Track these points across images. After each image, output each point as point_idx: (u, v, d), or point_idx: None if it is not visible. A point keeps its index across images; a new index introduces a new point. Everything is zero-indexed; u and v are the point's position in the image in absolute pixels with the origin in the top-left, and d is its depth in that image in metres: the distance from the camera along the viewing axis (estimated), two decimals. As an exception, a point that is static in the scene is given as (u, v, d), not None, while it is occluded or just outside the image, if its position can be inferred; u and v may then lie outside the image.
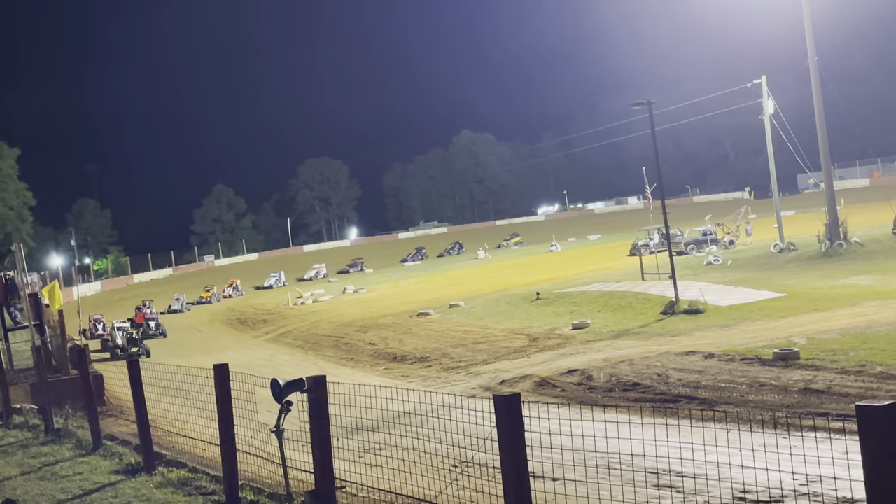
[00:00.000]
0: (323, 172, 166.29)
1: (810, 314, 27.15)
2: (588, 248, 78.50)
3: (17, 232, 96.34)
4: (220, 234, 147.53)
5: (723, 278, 38.66)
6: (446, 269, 74.26)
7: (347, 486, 11.94)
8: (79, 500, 12.58)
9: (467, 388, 22.29)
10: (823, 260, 41.56)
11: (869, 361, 19.01)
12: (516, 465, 7.53)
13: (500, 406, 7.58)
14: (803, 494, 10.56)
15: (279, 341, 40.48)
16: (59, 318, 27.33)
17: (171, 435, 17.31)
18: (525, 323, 34.07)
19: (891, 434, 5.17)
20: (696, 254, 52.51)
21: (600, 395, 19.81)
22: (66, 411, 19.20)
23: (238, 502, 11.39)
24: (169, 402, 16.59)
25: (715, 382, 19.30)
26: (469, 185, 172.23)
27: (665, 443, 8.13)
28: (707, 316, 29.55)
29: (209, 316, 56.55)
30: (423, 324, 37.84)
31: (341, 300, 56.83)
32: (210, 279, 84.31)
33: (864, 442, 5.26)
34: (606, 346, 26.60)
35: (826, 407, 15.93)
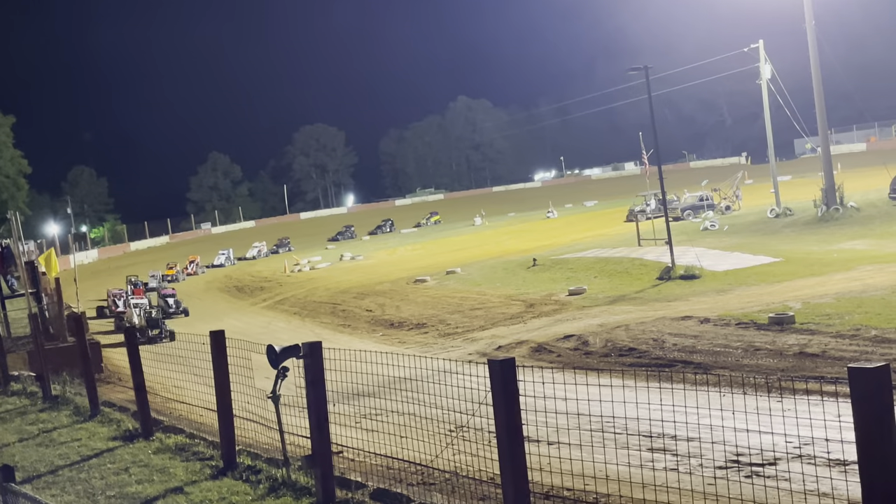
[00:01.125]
0: (319, 139, 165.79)
1: (806, 279, 27.21)
2: (585, 214, 78.48)
3: (12, 200, 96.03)
4: (217, 201, 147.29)
5: (719, 243, 38.70)
6: (442, 235, 74.26)
7: (344, 450, 12.01)
8: (77, 466, 12.64)
9: (464, 354, 22.37)
10: (819, 225, 41.59)
11: (864, 325, 19.08)
12: (511, 429, 7.57)
13: (494, 371, 7.61)
14: (797, 457, 10.64)
15: (276, 308, 40.55)
16: (55, 285, 27.36)
17: (169, 401, 17.39)
18: (521, 289, 34.13)
19: (882, 395, 5.20)
20: (693, 219, 52.50)
21: (596, 360, 19.89)
22: (64, 378, 19.26)
23: (235, 467, 11.46)
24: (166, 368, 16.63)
25: (710, 347, 19.38)
26: (465, 151, 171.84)
27: (660, 407, 8.16)
28: (703, 281, 29.62)
29: (205, 284, 56.57)
30: (419, 290, 37.89)
31: (338, 267, 56.86)
32: (207, 247, 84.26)
33: (856, 404, 5.29)
34: (602, 311, 26.67)
35: (821, 370, 16.01)
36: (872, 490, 5.26)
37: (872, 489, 5.26)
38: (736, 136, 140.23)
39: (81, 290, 39.93)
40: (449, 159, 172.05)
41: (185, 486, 10.95)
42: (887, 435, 5.17)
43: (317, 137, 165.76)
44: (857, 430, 5.30)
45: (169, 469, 11.86)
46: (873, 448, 5.21)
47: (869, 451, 5.23)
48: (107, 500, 10.80)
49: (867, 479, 5.28)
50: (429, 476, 11.20)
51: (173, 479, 11.34)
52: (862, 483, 5.33)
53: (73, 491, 11.38)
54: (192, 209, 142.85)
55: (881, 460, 5.17)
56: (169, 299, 41.50)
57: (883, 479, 5.17)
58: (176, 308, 41.15)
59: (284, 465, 10.87)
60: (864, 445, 5.26)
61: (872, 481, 5.25)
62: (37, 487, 11.49)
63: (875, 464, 5.21)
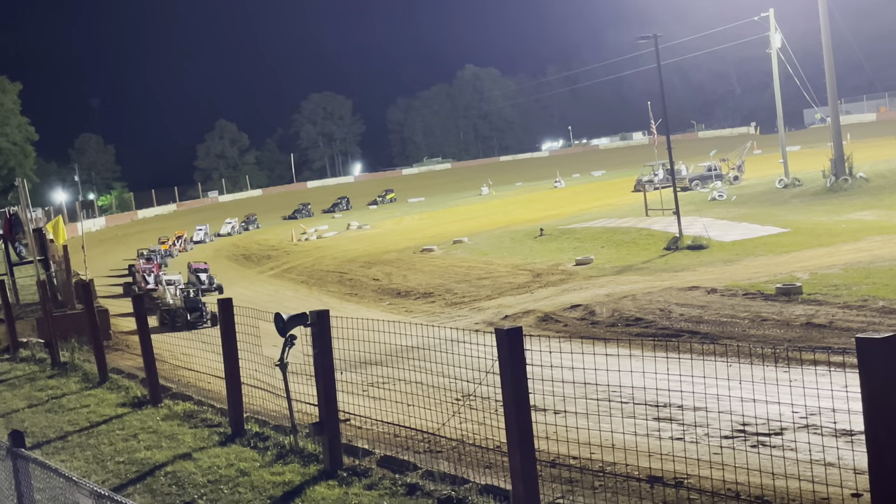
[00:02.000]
0: (326, 108, 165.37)
1: (814, 249, 27.15)
2: (592, 184, 78.29)
3: (20, 167, 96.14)
4: (224, 169, 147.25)
5: (727, 214, 38.59)
6: (449, 205, 74.18)
7: (351, 418, 12.07)
8: (86, 432, 12.74)
9: (470, 323, 22.42)
10: (828, 195, 41.42)
11: (871, 296, 19.05)
12: (518, 397, 7.60)
13: (501, 339, 7.62)
14: (803, 427, 10.66)
15: (283, 277, 40.62)
16: (63, 253, 27.42)
17: (177, 369, 17.50)
18: (528, 259, 34.12)
19: (889, 366, 5.20)
20: (701, 189, 52.30)
21: (603, 330, 19.91)
22: (73, 345, 19.36)
23: (243, 434, 11.53)
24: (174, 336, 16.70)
25: (717, 317, 19.37)
26: (473, 120, 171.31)
27: (666, 376, 8.18)
28: (710, 251, 29.56)
29: (213, 252, 56.65)
30: (426, 259, 37.91)
31: (345, 236, 56.89)
32: (214, 215, 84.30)
33: (864, 374, 5.30)
34: (609, 281, 26.65)
35: (827, 341, 16.01)
36: (879, 459, 5.27)
37: (879, 459, 5.27)
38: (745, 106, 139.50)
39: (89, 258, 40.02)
40: (456, 128, 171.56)
41: (194, 453, 11.03)
42: (894, 405, 5.18)
43: (324, 106, 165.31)
44: (865, 400, 5.30)
45: (177, 435, 11.94)
46: (880, 418, 5.22)
47: (876, 420, 5.25)
48: (116, 466, 10.89)
49: (874, 449, 5.29)
50: (435, 444, 11.26)
51: (182, 446, 11.42)
52: (868, 453, 5.34)
53: (82, 457, 11.47)
54: (200, 177, 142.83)
55: (888, 430, 5.18)
56: (202, 274, 36.02)
57: (890, 449, 5.19)
58: (209, 284, 35.66)
59: (292, 433, 10.94)
60: (872, 415, 5.27)
61: (879, 451, 5.26)
62: (46, 453, 11.59)
63: (882, 433, 5.23)
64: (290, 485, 9.47)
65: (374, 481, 9.22)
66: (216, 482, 9.82)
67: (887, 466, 5.20)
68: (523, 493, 7.52)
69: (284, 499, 9.09)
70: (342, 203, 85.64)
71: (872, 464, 5.32)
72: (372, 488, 9.05)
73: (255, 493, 9.36)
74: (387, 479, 9.21)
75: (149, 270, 40.01)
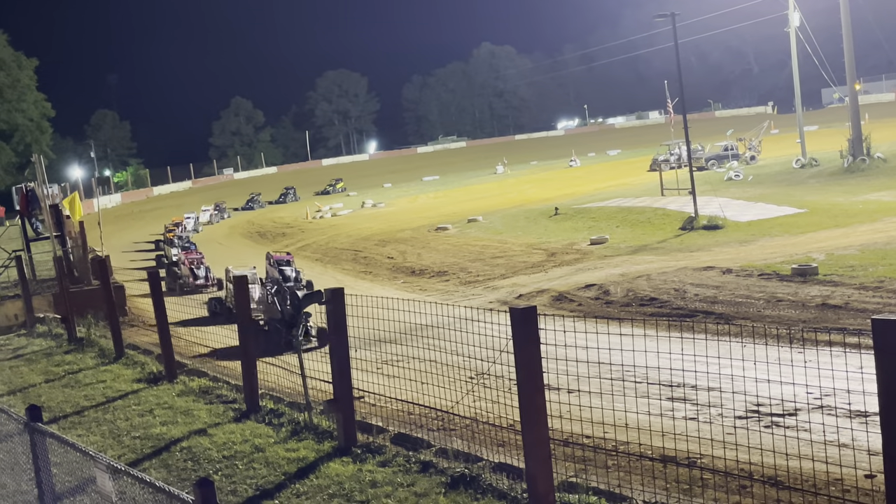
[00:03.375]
0: (341, 85, 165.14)
1: (830, 230, 27.01)
2: (608, 163, 78.02)
3: (36, 143, 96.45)
4: (239, 147, 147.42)
5: (743, 194, 38.40)
6: (464, 183, 74.08)
7: (365, 395, 12.12)
8: (102, 407, 12.84)
9: (484, 302, 22.42)
10: (845, 175, 41.16)
11: (888, 277, 18.96)
12: (532, 376, 7.61)
13: (516, 318, 7.63)
14: (817, 408, 10.64)
15: (298, 254, 40.68)
16: (80, 229, 27.54)
17: (192, 345, 17.57)
18: (543, 238, 34.06)
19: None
20: (717, 169, 52.04)
21: (617, 310, 19.88)
22: (89, 321, 19.48)
23: (258, 410, 11.60)
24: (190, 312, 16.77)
25: (732, 298, 19.31)
26: (489, 98, 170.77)
27: (680, 356, 8.18)
28: (726, 231, 29.45)
29: (228, 229, 56.82)
30: (441, 238, 37.90)
31: (359, 214, 56.93)
32: (229, 192, 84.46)
33: (879, 355, 5.28)
34: (624, 261, 26.60)
35: (843, 322, 15.95)
36: (893, 440, 5.27)
37: (893, 440, 5.27)
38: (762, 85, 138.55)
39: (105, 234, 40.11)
40: (472, 106, 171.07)
41: (209, 428, 11.11)
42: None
43: (339, 83, 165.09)
44: (880, 381, 5.29)
45: (192, 411, 12.02)
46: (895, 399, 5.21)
47: (891, 401, 5.24)
48: (132, 441, 10.98)
49: (889, 430, 5.29)
50: (449, 422, 11.30)
51: (197, 422, 11.50)
52: (883, 434, 5.34)
53: (98, 431, 11.57)
54: (215, 154, 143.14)
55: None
56: (286, 268, 24.40)
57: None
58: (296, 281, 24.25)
59: (307, 409, 11.00)
60: (887, 396, 5.26)
61: (893, 432, 5.25)
62: (63, 427, 11.69)
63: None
64: (304, 461, 9.54)
65: (387, 458, 9.27)
66: (231, 458, 9.89)
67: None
68: (536, 471, 7.55)
69: (299, 475, 9.15)
70: (291, 193, 78.37)
71: (887, 445, 5.32)
72: (386, 465, 9.10)
73: (270, 468, 9.42)
74: (400, 457, 9.26)
75: (196, 262, 32.08)
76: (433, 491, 8.33)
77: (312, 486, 8.80)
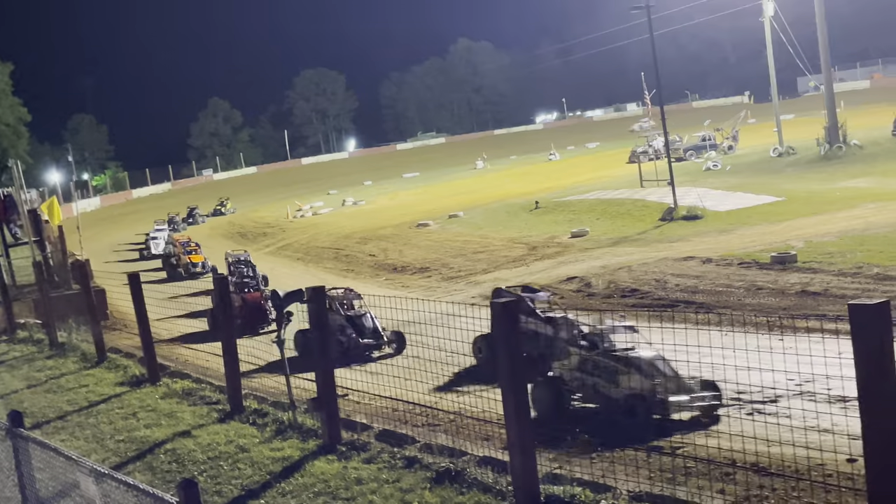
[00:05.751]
0: (319, 84, 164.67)
1: (808, 218, 27.20)
2: (587, 156, 78.12)
3: (13, 148, 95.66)
4: (218, 147, 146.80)
5: (721, 184, 38.58)
6: (444, 179, 74.07)
7: (350, 393, 12.14)
8: (85, 411, 12.78)
9: (467, 297, 22.45)
10: (822, 163, 41.42)
11: (866, 263, 19.11)
12: (514, 369, 7.64)
13: (497, 312, 7.66)
14: (798, 394, 10.73)
15: (279, 254, 40.60)
16: (59, 233, 27.39)
17: (175, 347, 17.53)
18: (524, 232, 34.13)
19: (882, 331, 5.24)
20: (695, 159, 52.24)
21: (599, 302, 19.97)
22: (70, 325, 19.36)
23: (242, 411, 11.58)
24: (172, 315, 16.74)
25: (712, 287, 19.43)
26: (467, 94, 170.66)
27: (661, 346, 8.23)
28: (705, 221, 29.60)
29: (209, 230, 56.59)
30: (422, 234, 37.90)
31: (340, 213, 56.82)
32: (209, 193, 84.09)
33: (857, 340, 5.34)
34: (605, 253, 26.70)
35: (823, 309, 16.07)
36: (872, 425, 5.33)
37: (872, 424, 5.33)
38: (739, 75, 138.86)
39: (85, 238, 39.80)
40: (450, 102, 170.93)
41: (193, 430, 11.08)
42: (887, 370, 5.23)
43: (317, 82, 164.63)
44: (857, 366, 5.35)
45: (176, 413, 11.99)
46: (873, 383, 5.27)
47: (869, 386, 5.29)
48: (115, 445, 10.94)
49: (867, 414, 5.35)
50: (433, 417, 11.33)
51: (181, 423, 11.47)
52: (862, 418, 5.40)
53: (81, 436, 11.52)
54: (194, 155, 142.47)
55: (880, 395, 5.23)
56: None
57: (882, 414, 5.24)
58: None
59: (291, 409, 10.99)
60: (864, 381, 5.31)
61: (872, 416, 5.31)
62: (46, 433, 11.63)
63: (875, 398, 5.28)
64: (289, 460, 9.54)
65: (372, 455, 9.28)
66: (216, 459, 9.88)
67: (880, 430, 5.26)
68: (521, 464, 7.58)
69: (284, 474, 9.15)
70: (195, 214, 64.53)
71: (866, 428, 5.38)
72: (371, 462, 9.11)
73: (255, 468, 9.42)
74: (385, 453, 9.27)
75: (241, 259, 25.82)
76: (418, 486, 8.35)
77: (298, 485, 8.80)
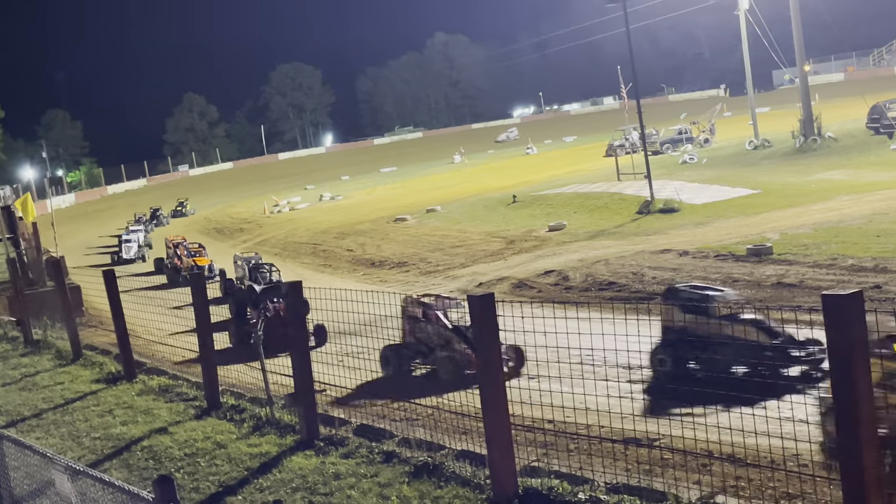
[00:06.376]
0: (295, 78, 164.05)
1: (784, 210, 27.37)
2: (564, 149, 78.29)
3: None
4: (194, 143, 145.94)
5: (698, 177, 38.77)
6: (422, 174, 74.02)
7: (327, 388, 12.11)
8: (61, 409, 12.70)
9: (445, 292, 22.44)
10: (798, 156, 41.68)
11: (840, 255, 19.27)
12: (492, 363, 7.65)
13: (474, 306, 7.67)
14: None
15: (257, 249, 40.44)
16: (33, 230, 27.17)
17: (151, 343, 17.41)
18: (502, 226, 34.17)
19: (854, 321, 5.29)
20: (672, 153, 52.44)
21: (576, 295, 20.02)
22: (45, 323, 19.22)
23: (219, 407, 11.54)
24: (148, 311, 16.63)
25: (689, 279, 19.52)
26: (444, 88, 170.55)
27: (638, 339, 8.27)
28: (682, 214, 29.72)
29: (185, 227, 56.31)
30: (400, 229, 37.88)
31: (318, 208, 56.67)
32: (185, 189, 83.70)
33: (830, 329, 5.39)
34: (582, 246, 26.77)
35: (798, 300, 16.20)
36: (844, 409, 5.39)
37: (844, 408, 5.39)
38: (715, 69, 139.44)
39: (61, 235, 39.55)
40: (427, 97, 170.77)
41: (170, 427, 11.03)
42: (859, 358, 5.28)
43: (293, 76, 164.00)
44: (831, 354, 5.40)
45: (153, 410, 11.93)
46: (845, 370, 5.32)
47: (841, 373, 5.35)
48: (92, 442, 10.87)
49: (839, 400, 5.41)
50: (412, 411, 11.33)
51: (157, 420, 11.42)
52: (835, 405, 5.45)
53: (57, 433, 11.45)
54: (169, 151, 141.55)
55: (852, 381, 5.28)
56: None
57: (854, 399, 5.30)
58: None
59: (268, 404, 10.96)
60: (837, 368, 5.37)
61: (844, 401, 5.37)
62: (21, 431, 11.55)
63: (847, 384, 5.33)
64: (267, 456, 9.51)
65: (350, 450, 9.27)
66: (193, 455, 9.84)
67: (851, 416, 5.32)
68: (499, 457, 7.60)
69: (262, 470, 9.13)
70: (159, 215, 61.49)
71: (838, 413, 5.44)
72: (349, 457, 9.10)
73: (233, 464, 9.39)
74: (363, 448, 9.26)
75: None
76: (397, 480, 8.35)
77: (276, 481, 8.78)
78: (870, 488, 5.35)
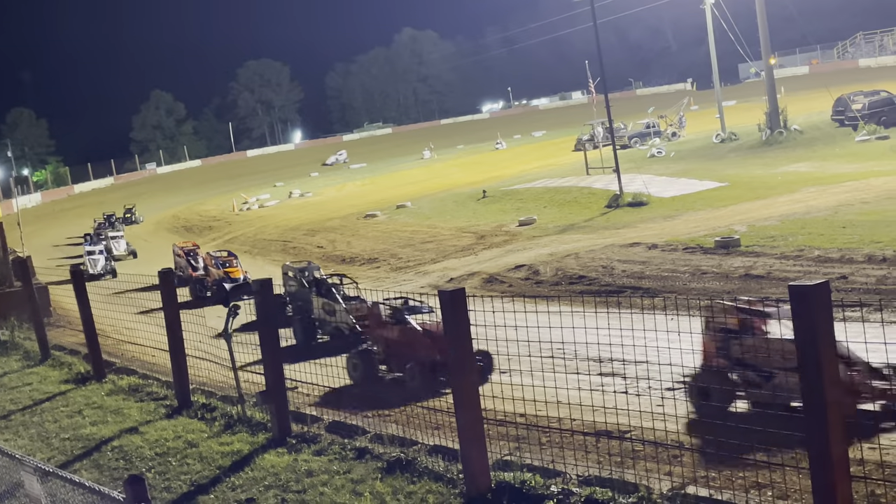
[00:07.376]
0: (263, 75, 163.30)
1: (751, 202, 27.60)
2: (533, 144, 78.42)
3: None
4: (161, 140, 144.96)
5: (666, 170, 39.00)
6: (392, 170, 73.93)
7: (299, 385, 12.08)
8: (29, 410, 12.60)
9: (416, 287, 22.45)
10: (764, 148, 42.04)
11: (807, 246, 19.46)
12: (463, 358, 7.67)
13: (445, 301, 7.68)
14: (742, 376, 10.87)
15: (227, 247, 40.25)
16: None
17: (121, 343, 17.30)
18: (472, 221, 34.21)
19: (821, 311, 5.36)
20: (640, 147, 52.74)
21: (547, 289, 20.09)
22: (12, 323, 19.05)
23: (190, 406, 11.49)
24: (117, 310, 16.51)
25: (658, 272, 19.65)
26: (413, 84, 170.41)
27: (608, 332, 8.32)
28: (651, 208, 29.90)
29: (154, 225, 55.91)
30: (370, 225, 37.83)
31: (287, 205, 56.45)
32: (153, 188, 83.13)
33: (796, 319, 5.46)
34: (552, 241, 26.86)
35: (765, 291, 16.33)
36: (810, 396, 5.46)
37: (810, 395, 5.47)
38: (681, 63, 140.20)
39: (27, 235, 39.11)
40: (396, 92, 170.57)
41: (140, 426, 10.97)
42: (825, 348, 5.35)
43: (261, 73, 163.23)
44: (798, 343, 5.47)
45: (123, 410, 11.86)
46: (811, 358, 5.40)
47: (808, 361, 5.42)
48: (61, 443, 10.79)
49: (806, 387, 5.48)
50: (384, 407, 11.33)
51: (128, 420, 11.35)
52: (802, 394, 5.53)
53: (26, 435, 11.35)
54: (136, 149, 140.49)
55: (818, 369, 5.36)
56: None
57: (819, 387, 5.38)
58: None
59: (239, 402, 10.92)
60: (804, 357, 5.44)
61: (810, 388, 5.45)
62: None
63: (813, 372, 5.41)
64: (238, 454, 9.48)
65: (323, 447, 9.26)
66: (164, 455, 9.79)
67: (817, 403, 5.40)
68: (471, 451, 7.62)
69: (234, 468, 9.10)
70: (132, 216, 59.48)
71: (805, 400, 5.52)
72: (321, 454, 9.09)
73: (204, 463, 9.35)
74: (336, 444, 9.26)
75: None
76: (370, 477, 8.35)
77: (248, 479, 8.76)
78: (838, 472, 5.43)
